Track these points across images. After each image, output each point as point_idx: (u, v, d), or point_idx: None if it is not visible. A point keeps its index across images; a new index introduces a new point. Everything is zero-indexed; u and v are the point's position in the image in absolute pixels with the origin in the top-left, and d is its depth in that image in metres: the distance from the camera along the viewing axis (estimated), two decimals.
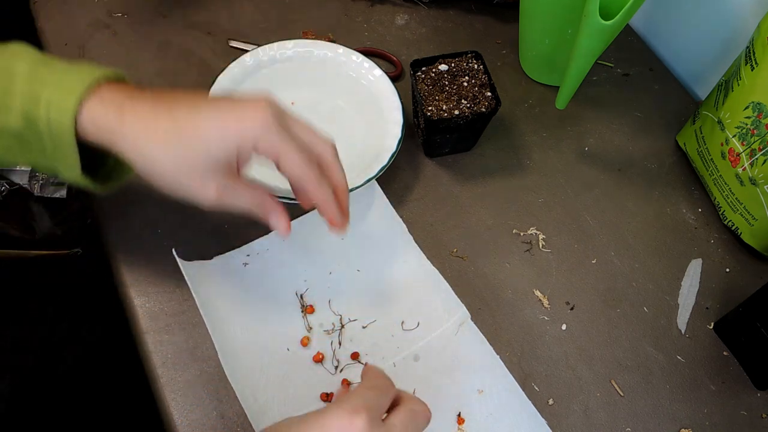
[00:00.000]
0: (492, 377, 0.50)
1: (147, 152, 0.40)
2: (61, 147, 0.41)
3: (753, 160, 0.54)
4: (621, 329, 0.55)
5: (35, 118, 0.40)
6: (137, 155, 0.41)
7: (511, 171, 0.64)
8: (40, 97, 0.40)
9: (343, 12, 0.75)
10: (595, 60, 0.56)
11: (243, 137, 0.41)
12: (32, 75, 0.40)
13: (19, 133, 0.41)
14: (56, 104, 0.39)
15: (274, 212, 0.45)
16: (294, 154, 0.42)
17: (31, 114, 0.40)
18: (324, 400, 0.49)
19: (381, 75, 0.64)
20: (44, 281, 0.70)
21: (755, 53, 0.53)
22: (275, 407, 0.48)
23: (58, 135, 0.40)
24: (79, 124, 0.40)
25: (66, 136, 0.40)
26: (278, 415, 0.48)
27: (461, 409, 0.49)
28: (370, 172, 0.57)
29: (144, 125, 0.40)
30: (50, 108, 0.40)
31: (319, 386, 0.50)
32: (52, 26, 0.70)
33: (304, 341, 0.51)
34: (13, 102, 0.40)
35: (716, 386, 0.53)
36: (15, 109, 0.40)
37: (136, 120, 0.40)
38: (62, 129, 0.40)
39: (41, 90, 0.40)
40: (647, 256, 0.60)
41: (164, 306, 0.53)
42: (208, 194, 0.41)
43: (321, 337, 0.52)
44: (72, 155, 0.41)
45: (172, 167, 0.41)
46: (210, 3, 0.74)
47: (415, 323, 0.53)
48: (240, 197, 0.43)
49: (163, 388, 0.49)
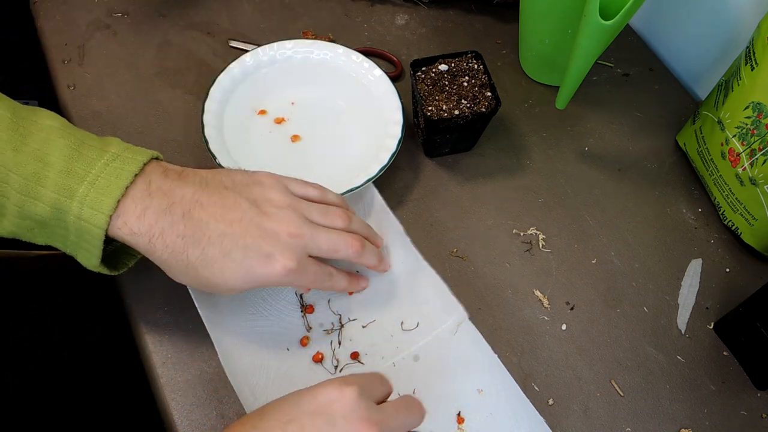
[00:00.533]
0: (491, 377, 0.50)
1: (173, 274, 0.44)
2: (85, 242, 0.42)
3: (753, 160, 0.54)
4: (621, 329, 0.55)
5: (66, 212, 0.40)
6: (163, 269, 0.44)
7: (511, 171, 0.64)
8: (75, 193, 0.40)
9: (343, 12, 0.75)
10: (595, 60, 0.56)
11: (266, 284, 0.45)
12: (67, 167, 0.41)
13: (43, 221, 0.41)
14: (86, 218, 0.40)
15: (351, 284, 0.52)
16: (315, 286, 0.48)
17: (62, 207, 0.40)
18: None
19: (381, 75, 0.64)
20: (44, 281, 0.70)
21: (755, 53, 0.53)
22: None
23: (86, 233, 0.41)
24: (110, 230, 0.41)
25: (95, 239, 0.41)
26: None
27: (461, 408, 0.49)
28: (370, 172, 0.57)
29: (173, 256, 0.42)
30: (83, 206, 0.40)
31: None
32: (52, 26, 0.70)
33: (303, 341, 0.51)
34: (44, 191, 0.40)
35: (716, 386, 0.53)
36: (46, 198, 0.40)
37: (165, 251, 0.42)
38: (92, 232, 0.41)
39: (77, 186, 0.40)
40: (647, 256, 0.60)
41: (164, 306, 0.53)
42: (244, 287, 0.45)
43: (320, 337, 0.52)
44: (95, 251, 0.42)
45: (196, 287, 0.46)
46: (210, 3, 0.74)
47: (414, 323, 0.53)
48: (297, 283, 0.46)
49: (163, 388, 0.49)
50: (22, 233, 0.43)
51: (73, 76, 0.66)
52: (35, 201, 0.40)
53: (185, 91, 0.66)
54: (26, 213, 0.41)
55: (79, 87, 0.66)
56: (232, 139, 0.59)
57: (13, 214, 0.41)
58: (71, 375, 0.68)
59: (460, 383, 0.50)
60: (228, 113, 0.61)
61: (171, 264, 0.42)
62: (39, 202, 0.40)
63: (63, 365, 0.68)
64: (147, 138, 0.63)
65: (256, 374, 0.49)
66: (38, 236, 0.43)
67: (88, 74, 0.67)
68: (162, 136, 0.63)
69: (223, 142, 0.59)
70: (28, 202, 0.40)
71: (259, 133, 0.62)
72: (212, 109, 0.60)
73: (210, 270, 0.42)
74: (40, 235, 0.43)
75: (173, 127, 0.64)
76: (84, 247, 0.42)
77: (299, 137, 0.62)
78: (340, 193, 0.55)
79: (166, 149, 0.62)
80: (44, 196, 0.40)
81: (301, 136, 0.62)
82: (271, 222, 0.44)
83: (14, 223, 0.42)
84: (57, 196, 0.40)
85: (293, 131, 0.62)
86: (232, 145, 0.59)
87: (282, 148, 0.61)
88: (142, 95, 0.66)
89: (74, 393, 0.68)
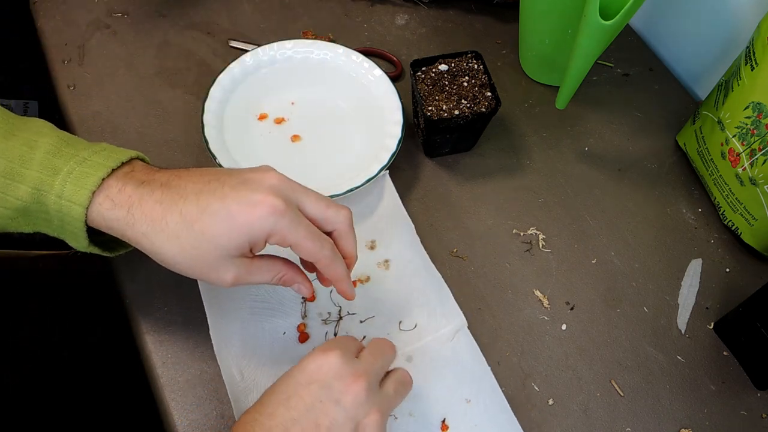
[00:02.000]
0: (481, 388, 0.50)
1: (158, 249, 0.41)
2: (68, 224, 0.42)
3: (753, 160, 0.54)
4: (621, 329, 0.55)
5: (47, 192, 0.40)
6: (149, 250, 0.41)
7: (511, 171, 0.64)
8: (60, 171, 0.40)
9: (343, 12, 0.75)
10: (595, 60, 0.56)
11: (252, 234, 0.40)
12: (56, 149, 0.41)
13: (24, 207, 0.41)
14: (68, 196, 0.40)
15: (296, 283, 0.45)
16: (306, 242, 0.41)
17: (43, 188, 0.40)
18: None
19: (381, 75, 0.64)
20: (44, 281, 0.70)
21: (755, 53, 0.53)
22: (261, 388, 0.48)
23: (67, 220, 0.41)
24: (89, 216, 0.41)
25: (76, 223, 0.41)
26: None
27: (447, 416, 0.49)
28: (369, 172, 0.57)
29: (153, 226, 0.40)
30: (62, 196, 0.40)
31: None
32: (52, 26, 0.70)
33: (300, 327, 0.52)
34: (28, 172, 0.40)
35: (716, 386, 0.53)
36: (29, 179, 0.40)
37: (145, 220, 0.40)
38: (72, 218, 0.41)
39: (63, 165, 0.41)
40: (647, 256, 0.60)
41: (164, 306, 0.53)
42: (225, 280, 0.41)
43: (317, 326, 0.52)
44: (80, 233, 0.42)
45: (185, 261, 0.41)
46: (210, 3, 0.74)
47: (412, 324, 0.53)
48: (258, 275, 0.43)
49: (163, 388, 0.49)
50: (6, 223, 0.42)
51: (73, 76, 0.66)
52: (18, 184, 0.40)
53: (185, 91, 0.66)
54: (7, 201, 0.41)
55: (79, 87, 0.66)
56: (232, 139, 0.59)
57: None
58: (71, 375, 0.68)
59: (449, 390, 0.50)
60: (228, 113, 0.61)
61: (153, 237, 0.40)
62: (21, 185, 0.40)
63: (63, 365, 0.68)
64: (147, 138, 0.63)
65: (248, 354, 0.50)
66: (23, 224, 0.43)
67: (88, 74, 0.67)
68: (162, 136, 0.63)
69: (223, 142, 0.59)
70: (11, 186, 0.40)
71: (259, 133, 0.62)
72: (212, 109, 0.60)
73: (192, 233, 0.39)
74: (24, 224, 0.43)
75: (173, 127, 0.64)
76: (68, 229, 0.42)
77: (299, 137, 0.62)
78: (340, 193, 0.55)
79: (166, 149, 0.62)
80: (27, 177, 0.40)
81: (301, 136, 0.62)
82: (253, 175, 0.42)
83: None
84: (40, 175, 0.40)
85: (293, 131, 0.62)
86: (232, 145, 0.59)
87: (282, 148, 0.61)
88: (142, 95, 0.66)
89: (74, 393, 0.68)
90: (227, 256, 0.40)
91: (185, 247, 0.40)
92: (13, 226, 0.43)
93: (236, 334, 0.50)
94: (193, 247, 0.40)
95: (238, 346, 0.50)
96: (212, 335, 0.49)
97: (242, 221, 0.39)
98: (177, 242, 0.40)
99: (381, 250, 0.57)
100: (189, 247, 0.40)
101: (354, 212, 0.58)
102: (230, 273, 0.41)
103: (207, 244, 0.40)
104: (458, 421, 0.49)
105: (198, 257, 0.40)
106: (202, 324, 0.51)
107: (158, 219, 0.40)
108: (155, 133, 0.63)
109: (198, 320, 0.51)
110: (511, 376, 0.52)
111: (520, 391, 0.51)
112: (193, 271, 0.41)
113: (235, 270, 0.41)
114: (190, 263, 0.41)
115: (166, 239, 0.40)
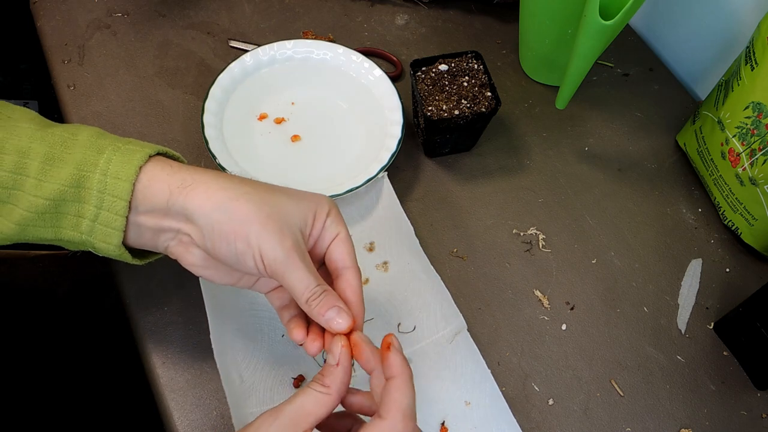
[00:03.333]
0: (480, 391, 0.50)
1: (222, 204, 0.38)
2: (104, 217, 0.39)
3: (753, 160, 0.54)
4: (621, 329, 0.55)
5: (91, 171, 0.39)
6: (209, 207, 0.38)
7: (511, 171, 0.64)
8: (98, 162, 0.39)
9: (343, 12, 0.75)
10: (595, 60, 0.56)
11: (318, 203, 0.41)
12: (90, 141, 0.40)
13: (61, 196, 0.39)
14: (114, 172, 0.39)
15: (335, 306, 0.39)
16: (349, 239, 0.42)
17: (87, 167, 0.39)
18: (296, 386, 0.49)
19: (381, 75, 0.64)
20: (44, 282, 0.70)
21: (755, 53, 0.53)
22: (260, 392, 0.48)
23: (107, 204, 0.39)
24: (144, 181, 0.39)
25: (119, 204, 0.39)
26: (261, 400, 0.48)
27: (446, 418, 0.49)
28: (369, 172, 0.57)
29: (221, 181, 0.39)
30: (107, 173, 0.39)
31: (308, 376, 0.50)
32: (52, 26, 0.70)
33: None
34: (71, 155, 0.39)
35: (716, 386, 0.53)
36: (72, 159, 0.39)
37: (210, 177, 0.39)
38: (115, 197, 0.39)
39: (107, 145, 0.40)
40: (647, 256, 0.60)
41: (164, 306, 0.53)
42: (284, 243, 0.38)
43: None
44: (118, 224, 0.39)
45: (248, 215, 0.38)
46: (210, 3, 0.74)
47: (411, 326, 0.53)
48: (304, 268, 0.38)
49: (163, 388, 0.49)
50: (29, 223, 0.39)
51: (73, 76, 0.66)
52: (59, 168, 0.38)
53: (185, 91, 0.66)
54: (43, 189, 0.38)
55: (79, 87, 0.66)
56: (232, 139, 0.59)
57: (29, 193, 0.38)
58: (71, 375, 0.68)
59: (448, 393, 0.50)
60: (228, 113, 0.61)
61: (218, 193, 0.38)
62: (63, 168, 0.38)
63: (63, 365, 0.68)
64: (147, 138, 0.63)
65: (248, 356, 0.50)
66: (47, 225, 0.39)
67: (88, 74, 0.67)
68: (162, 136, 0.63)
69: (223, 142, 0.59)
70: (50, 171, 0.38)
71: (259, 133, 0.62)
72: (212, 109, 0.60)
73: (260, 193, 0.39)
74: (50, 223, 0.39)
75: (173, 127, 0.64)
76: (104, 220, 0.39)
77: (299, 137, 0.62)
78: (340, 193, 0.55)
79: None
80: (69, 160, 0.39)
81: (301, 136, 0.62)
82: None
83: (27, 206, 0.39)
84: (84, 155, 0.39)
85: (293, 131, 0.62)
86: (232, 145, 0.59)
87: (282, 148, 0.61)
88: (142, 95, 0.66)
89: (74, 393, 0.68)
90: (290, 225, 0.39)
91: (251, 205, 0.38)
92: (31, 233, 0.40)
93: (236, 338, 0.50)
94: (259, 206, 0.38)
95: (237, 350, 0.50)
96: (212, 338, 0.49)
97: (308, 197, 0.41)
98: (244, 201, 0.38)
99: (380, 251, 0.57)
100: (255, 205, 0.38)
101: (352, 214, 0.58)
102: (289, 238, 0.38)
103: (274, 205, 0.39)
104: (458, 424, 0.49)
105: (263, 213, 0.38)
106: (202, 324, 0.50)
107: (225, 181, 0.39)
108: (155, 133, 0.63)
109: (198, 320, 0.51)
110: (511, 376, 0.52)
111: (520, 391, 0.51)
112: (249, 234, 0.38)
113: (292, 238, 0.38)
114: (251, 221, 0.38)
115: (232, 198, 0.38)
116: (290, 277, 0.38)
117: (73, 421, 0.67)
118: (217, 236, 0.38)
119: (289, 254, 0.38)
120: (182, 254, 0.41)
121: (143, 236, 0.41)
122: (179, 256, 0.42)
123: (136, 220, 0.40)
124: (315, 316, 0.39)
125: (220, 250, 0.39)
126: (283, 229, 0.38)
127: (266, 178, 0.49)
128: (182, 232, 0.40)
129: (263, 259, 0.38)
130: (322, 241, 0.42)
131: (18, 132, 0.39)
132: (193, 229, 0.39)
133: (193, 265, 0.42)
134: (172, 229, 0.40)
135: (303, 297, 0.38)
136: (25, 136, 0.39)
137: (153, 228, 0.40)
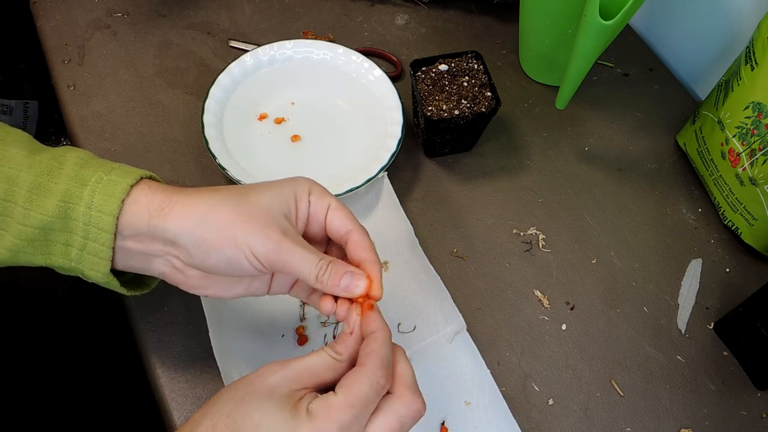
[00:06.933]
0: (480, 390, 0.50)
1: (200, 218, 0.39)
2: (91, 247, 0.39)
3: (753, 160, 0.54)
4: (621, 329, 0.55)
5: (75, 203, 0.39)
6: (191, 219, 0.39)
7: (511, 171, 0.64)
8: (89, 181, 0.39)
9: (343, 12, 0.75)
10: (595, 60, 0.56)
11: (296, 186, 0.41)
12: (84, 161, 0.40)
13: (48, 224, 0.39)
14: (98, 205, 0.39)
15: (347, 272, 0.39)
16: (341, 206, 0.41)
17: (71, 200, 0.39)
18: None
19: (381, 75, 0.64)
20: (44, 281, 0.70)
21: (755, 53, 0.53)
22: None
23: (93, 235, 0.39)
24: (125, 206, 0.39)
25: (103, 236, 0.39)
26: None
27: (446, 418, 0.49)
28: (370, 172, 0.57)
29: (195, 196, 0.40)
30: (92, 206, 0.39)
31: None
32: (52, 26, 0.70)
33: (299, 330, 0.52)
34: (56, 186, 0.39)
35: (716, 386, 0.53)
36: (56, 191, 0.39)
37: (185, 195, 0.39)
38: (100, 230, 0.39)
39: (91, 175, 0.40)
40: (647, 256, 0.60)
41: (164, 306, 0.53)
42: (272, 234, 0.38)
43: (316, 329, 0.52)
44: (104, 254, 0.39)
45: (229, 220, 0.38)
46: (210, 3, 0.74)
47: (411, 326, 0.53)
48: (302, 252, 0.38)
49: (163, 388, 0.49)
50: (20, 250, 0.40)
51: (73, 76, 0.66)
52: (45, 198, 0.39)
53: (185, 91, 0.66)
54: (30, 218, 0.39)
55: (79, 87, 0.66)
56: (232, 138, 0.59)
57: (18, 221, 0.39)
58: (71, 375, 0.68)
59: (448, 392, 0.50)
60: (228, 113, 0.61)
61: (198, 204, 0.39)
62: (49, 198, 0.39)
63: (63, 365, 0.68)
64: (147, 138, 0.63)
65: (247, 355, 0.50)
66: (36, 252, 0.40)
67: (88, 74, 0.67)
68: (162, 136, 0.63)
69: (223, 141, 0.59)
70: (36, 201, 0.39)
71: (259, 133, 0.62)
72: (212, 109, 0.60)
73: (240, 195, 0.39)
74: (39, 251, 0.40)
75: (173, 127, 0.64)
76: (91, 249, 0.39)
77: (299, 137, 0.62)
78: (340, 193, 0.55)
79: (166, 149, 0.62)
80: (55, 190, 0.39)
81: (301, 136, 0.62)
82: None
83: (16, 234, 0.39)
84: (69, 187, 0.39)
85: (293, 131, 0.62)
86: (232, 145, 0.59)
87: (282, 148, 0.61)
88: (142, 95, 0.66)
89: (75, 393, 0.68)
90: (275, 216, 0.39)
91: (232, 209, 0.38)
92: (22, 258, 0.40)
93: (236, 338, 0.50)
94: (240, 208, 0.38)
95: (237, 350, 0.50)
96: (212, 339, 0.49)
97: (287, 183, 0.41)
98: (225, 207, 0.38)
99: (380, 251, 0.56)
100: (237, 208, 0.38)
101: None
102: (276, 229, 0.38)
103: (255, 204, 0.39)
104: (458, 424, 0.49)
105: (244, 214, 0.38)
106: (202, 324, 0.50)
107: (202, 193, 0.40)
108: (155, 133, 0.63)
109: (198, 320, 0.51)
110: (511, 376, 0.52)
111: (520, 391, 0.51)
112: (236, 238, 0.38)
113: (279, 227, 0.38)
114: (235, 224, 0.38)
115: (213, 206, 0.39)
116: (291, 262, 0.38)
117: (74, 420, 0.67)
118: (203, 250, 0.38)
119: (280, 242, 0.38)
120: (180, 279, 0.41)
121: (133, 259, 0.41)
122: (178, 282, 0.42)
123: (123, 245, 0.40)
124: (331, 290, 0.39)
125: (210, 262, 0.39)
126: (267, 222, 0.38)
127: (266, 178, 0.49)
128: (171, 255, 0.40)
129: (256, 255, 0.38)
130: (316, 218, 0.41)
131: (8, 157, 0.40)
132: (180, 250, 0.40)
133: (195, 287, 0.42)
134: (161, 253, 0.40)
135: (311, 276, 0.38)
136: (15, 163, 0.40)
137: (142, 252, 0.40)
